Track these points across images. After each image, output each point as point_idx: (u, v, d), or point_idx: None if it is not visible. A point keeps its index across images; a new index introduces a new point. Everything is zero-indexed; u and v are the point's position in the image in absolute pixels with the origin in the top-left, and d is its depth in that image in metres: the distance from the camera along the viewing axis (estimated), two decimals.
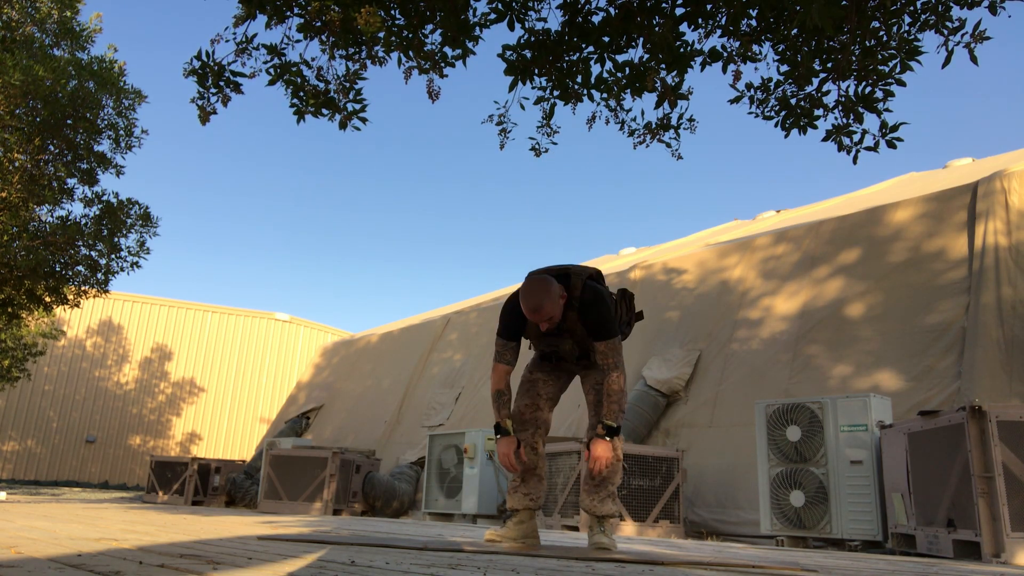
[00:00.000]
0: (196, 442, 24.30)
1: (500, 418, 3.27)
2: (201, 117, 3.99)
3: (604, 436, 3.10)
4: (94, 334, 23.38)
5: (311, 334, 26.99)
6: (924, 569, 3.17)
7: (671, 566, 2.53)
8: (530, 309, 3.07)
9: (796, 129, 4.21)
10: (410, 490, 10.00)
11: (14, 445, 21.46)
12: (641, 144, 4.53)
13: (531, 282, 3.11)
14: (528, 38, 4.11)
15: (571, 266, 3.35)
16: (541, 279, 3.11)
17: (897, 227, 7.75)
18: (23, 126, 10.28)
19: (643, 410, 8.31)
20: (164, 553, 2.20)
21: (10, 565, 1.72)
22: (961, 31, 3.65)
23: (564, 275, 3.24)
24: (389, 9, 3.89)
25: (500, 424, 3.26)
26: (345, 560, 2.19)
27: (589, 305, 3.19)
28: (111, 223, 11.43)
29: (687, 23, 3.98)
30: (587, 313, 3.20)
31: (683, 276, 9.81)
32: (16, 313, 12.10)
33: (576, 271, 3.27)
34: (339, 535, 3.50)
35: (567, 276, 3.24)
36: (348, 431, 13.90)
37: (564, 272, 3.26)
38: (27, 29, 10.63)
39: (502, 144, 4.46)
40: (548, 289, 3.07)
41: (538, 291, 3.07)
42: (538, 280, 3.11)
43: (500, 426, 3.26)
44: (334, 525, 5.12)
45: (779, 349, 7.93)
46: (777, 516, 5.89)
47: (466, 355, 12.61)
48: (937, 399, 6.32)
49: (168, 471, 11.15)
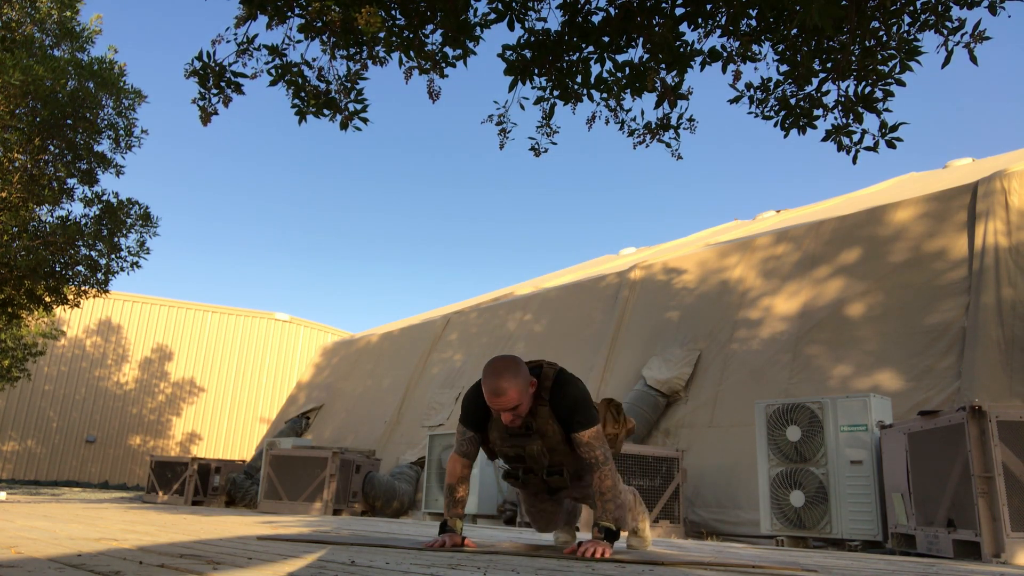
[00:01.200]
0: (196, 442, 24.30)
1: (448, 515, 2.89)
2: (202, 118, 3.99)
3: (602, 539, 2.70)
4: (94, 334, 23.39)
5: (311, 334, 27.00)
6: (924, 569, 3.17)
7: (671, 566, 2.53)
8: (492, 392, 2.61)
9: (796, 129, 4.21)
10: (410, 490, 10.00)
11: (14, 445, 21.46)
12: (641, 144, 4.53)
13: (496, 361, 2.67)
14: (528, 38, 4.12)
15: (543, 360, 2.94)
16: (509, 359, 2.68)
17: (897, 227, 7.75)
18: (23, 126, 10.28)
19: (643, 410, 8.31)
20: (164, 553, 2.20)
21: (10, 565, 1.72)
22: (961, 31, 3.65)
23: (536, 366, 2.83)
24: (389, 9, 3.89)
25: (447, 522, 2.89)
26: (345, 560, 2.19)
27: (561, 391, 2.75)
28: (111, 223, 11.43)
29: (687, 23, 3.98)
30: (560, 402, 2.74)
31: (683, 276, 9.81)
32: (16, 313, 12.10)
33: (548, 363, 2.85)
34: (339, 535, 3.50)
35: (538, 365, 2.82)
36: (348, 431, 13.90)
37: (536, 363, 2.85)
38: (27, 29, 10.63)
39: (502, 144, 4.46)
40: (516, 371, 2.64)
41: (503, 372, 2.62)
42: (505, 360, 2.68)
43: (447, 524, 2.89)
44: (334, 525, 5.12)
45: (779, 349, 7.93)
46: (777, 516, 5.89)
47: (466, 355, 12.61)
48: (937, 399, 6.32)
49: (168, 471, 11.15)
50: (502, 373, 2.62)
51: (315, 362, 17.81)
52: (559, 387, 2.75)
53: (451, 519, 2.90)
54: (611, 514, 2.73)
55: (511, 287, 16.90)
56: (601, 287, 10.94)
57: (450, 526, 2.89)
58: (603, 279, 11.13)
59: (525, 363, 2.77)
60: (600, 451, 2.75)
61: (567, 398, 2.75)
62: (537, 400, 2.76)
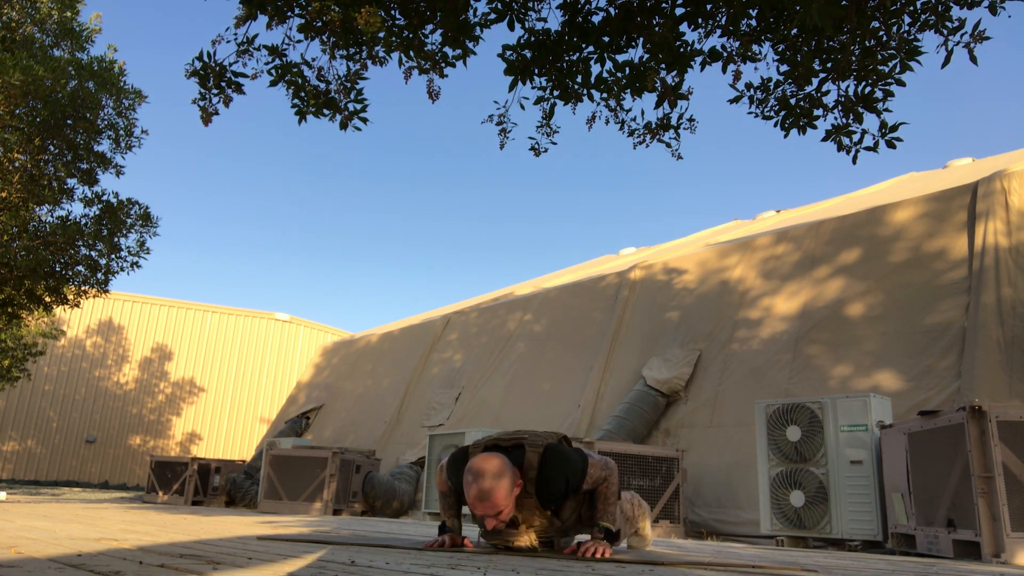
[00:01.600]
0: (196, 442, 24.30)
1: (446, 517, 2.93)
2: (203, 118, 3.99)
3: (601, 539, 2.73)
4: (94, 334, 23.39)
5: (311, 334, 26.99)
6: (924, 569, 3.17)
7: (671, 566, 2.53)
8: (476, 497, 2.51)
9: (796, 129, 4.21)
10: (410, 490, 10.00)
11: (14, 445, 21.46)
12: (641, 144, 4.53)
13: (482, 463, 2.54)
14: (528, 38, 4.12)
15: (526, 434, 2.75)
16: (495, 461, 2.55)
17: (897, 227, 7.75)
18: (23, 126, 10.28)
19: (643, 410, 8.31)
20: (164, 553, 2.20)
21: (10, 565, 1.72)
22: (961, 31, 3.65)
23: (517, 446, 2.69)
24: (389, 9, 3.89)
25: (446, 523, 2.93)
26: (345, 560, 2.19)
27: (545, 481, 2.63)
28: (111, 223, 11.43)
29: (687, 23, 3.98)
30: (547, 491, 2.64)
31: (683, 276, 9.81)
32: (16, 313, 12.10)
33: (531, 441, 2.68)
34: (339, 535, 3.50)
35: (520, 448, 2.67)
36: (348, 431, 13.90)
37: (517, 443, 2.70)
38: (27, 29, 10.63)
39: (502, 144, 4.46)
40: (501, 475, 2.52)
41: (486, 475, 2.51)
42: (490, 461, 2.55)
43: (445, 525, 2.92)
44: (334, 525, 5.12)
45: (779, 349, 7.93)
46: (777, 516, 5.89)
47: (466, 355, 12.61)
48: (937, 399, 6.32)
49: (168, 471, 11.15)
50: (486, 477, 2.52)
51: (315, 362, 17.81)
52: (543, 477, 2.63)
53: (449, 520, 2.92)
54: (611, 515, 2.76)
55: (511, 287, 16.90)
56: (601, 287, 10.94)
57: (449, 526, 2.90)
58: (603, 279, 11.13)
59: (504, 441, 2.70)
60: (602, 473, 2.76)
61: (553, 485, 2.64)
62: (523, 494, 2.65)
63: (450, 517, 2.91)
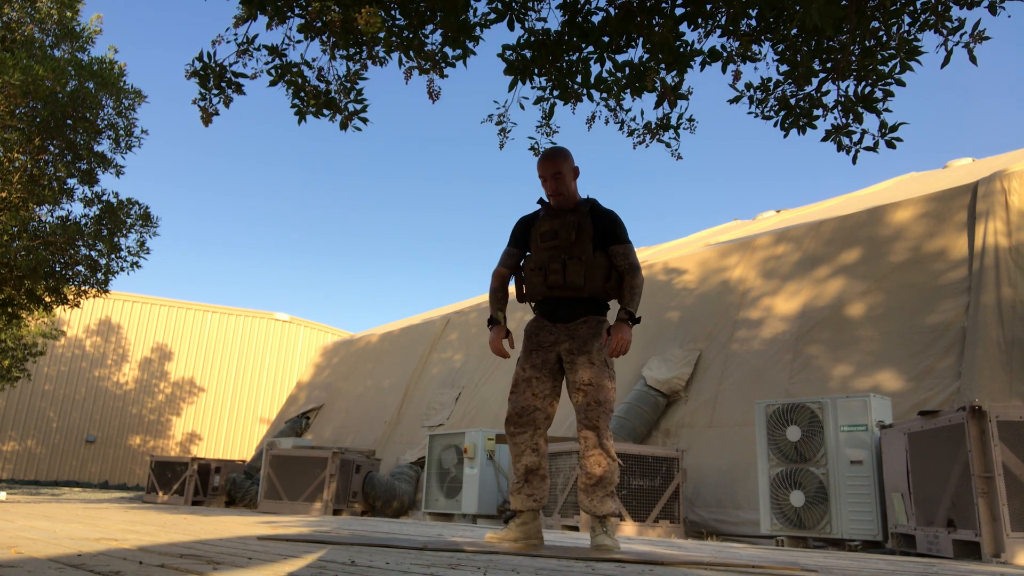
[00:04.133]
0: (196, 442, 24.30)
1: (493, 311, 3.47)
2: (204, 118, 3.99)
3: (627, 321, 3.22)
4: (94, 334, 23.39)
5: (311, 334, 26.99)
6: (924, 569, 3.17)
7: (671, 566, 2.53)
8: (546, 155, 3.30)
9: (796, 129, 4.21)
10: (410, 490, 10.00)
11: (14, 445, 21.46)
12: (641, 144, 4.53)
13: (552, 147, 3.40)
14: (528, 38, 4.12)
15: None
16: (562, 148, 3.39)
17: (897, 227, 7.75)
18: (23, 126, 10.28)
19: (643, 410, 8.31)
20: (164, 553, 2.20)
21: (10, 565, 1.72)
22: (961, 31, 3.65)
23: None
24: (389, 9, 3.89)
25: (493, 316, 3.46)
26: (345, 560, 2.19)
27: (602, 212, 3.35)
28: (111, 223, 11.43)
29: (687, 23, 3.98)
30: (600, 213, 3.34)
31: (683, 276, 9.81)
32: (16, 313, 12.10)
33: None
34: (339, 535, 3.50)
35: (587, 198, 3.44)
36: (348, 431, 13.90)
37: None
38: (27, 29, 10.63)
39: (502, 144, 4.46)
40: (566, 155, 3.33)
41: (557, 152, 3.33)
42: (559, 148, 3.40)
43: (493, 318, 3.45)
44: (334, 525, 5.12)
45: (779, 349, 7.93)
46: (777, 516, 5.89)
47: (466, 355, 12.61)
48: (937, 399, 6.32)
49: (168, 471, 11.15)
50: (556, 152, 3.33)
51: (315, 362, 17.81)
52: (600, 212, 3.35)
53: (495, 313, 3.47)
54: (636, 305, 3.28)
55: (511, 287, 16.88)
56: None
57: (495, 318, 3.45)
58: None
59: None
60: (631, 259, 3.32)
61: (607, 213, 3.35)
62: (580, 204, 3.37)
63: (496, 310, 3.46)
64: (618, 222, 3.34)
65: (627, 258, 3.31)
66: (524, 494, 3.30)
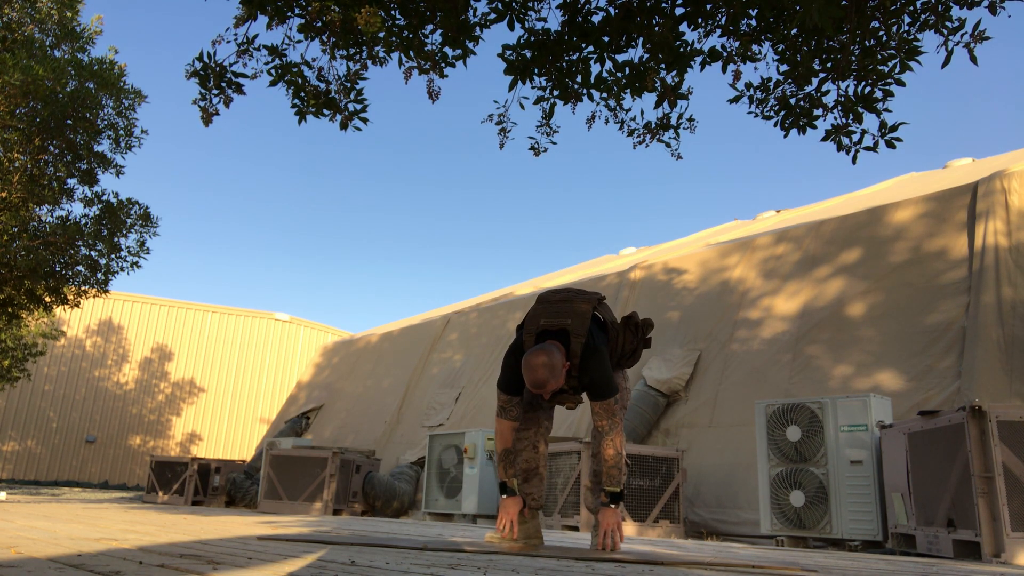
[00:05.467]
0: (196, 442, 24.29)
1: (506, 477, 3.19)
2: (204, 118, 3.99)
3: (609, 504, 3.09)
4: (94, 334, 23.38)
5: (311, 334, 26.99)
6: (924, 569, 3.17)
7: (671, 566, 2.53)
8: (533, 384, 2.98)
9: (796, 129, 4.21)
10: (410, 490, 10.00)
11: (14, 445, 21.45)
12: (641, 144, 4.53)
13: (535, 355, 2.98)
14: (528, 38, 4.12)
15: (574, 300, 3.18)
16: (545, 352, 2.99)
17: (897, 227, 7.75)
18: (23, 126, 10.28)
19: (643, 410, 8.31)
20: (164, 553, 2.20)
21: (10, 565, 1.72)
22: (961, 31, 3.65)
23: (562, 332, 3.12)
24: (389, 9, 3.89)
25: (506, 484, 3.19)
26: (345, 560, 2.19)
27: (587, 363, 3.09)
28: (111, 223, 11.43)
29: (687, 23, 3.98)
30: (584, 372, 3.11)
31: (683, 276, 9.81)
32: (16, 313, 12.10)
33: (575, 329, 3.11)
34: (339, 535, 3.50)
35: (565, 334, 3.11)
36: (348, 431, 13.90)
37: (562, 329, 3.13)
38: (27, 29, 10.63)
39: (502, 144, 4.46)
40: (552, 365, 2.98)
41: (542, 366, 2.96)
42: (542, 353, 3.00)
43: (506, 485, 3.19)
44: (334, 525, 5.12)
45: (779, 349, 7.93)
46: (777, 516, 5.89)
47: (466, 355, 12.61)
48: (937, 399, 6.32)
49: (168, 471, 11.15)
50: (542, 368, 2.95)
51: (315, 362, 17.81)
52: (585, 366, 3.11)
53: (509, 480, 3.21)
54: (615, 479, 3.11)
55: (511, 287, 16.90)
56: (601, 287, 10.94)
57: (510, 486, 3.20)
58: (603, 279, 11.13)
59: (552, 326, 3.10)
60: (607, 420, 3.10)
61: (590, 373, 3.12)
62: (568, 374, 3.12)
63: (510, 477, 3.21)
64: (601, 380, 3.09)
65: (601, 418, 3.11)
66: (523, 493, 3.29)
